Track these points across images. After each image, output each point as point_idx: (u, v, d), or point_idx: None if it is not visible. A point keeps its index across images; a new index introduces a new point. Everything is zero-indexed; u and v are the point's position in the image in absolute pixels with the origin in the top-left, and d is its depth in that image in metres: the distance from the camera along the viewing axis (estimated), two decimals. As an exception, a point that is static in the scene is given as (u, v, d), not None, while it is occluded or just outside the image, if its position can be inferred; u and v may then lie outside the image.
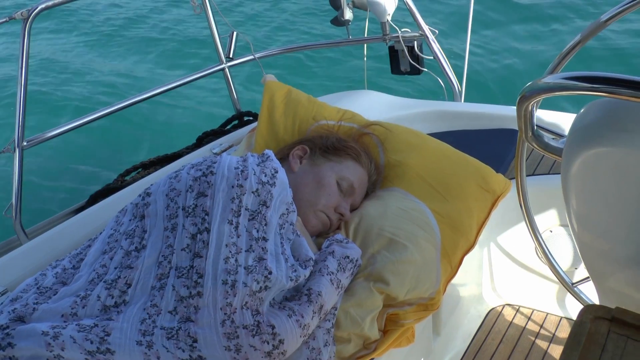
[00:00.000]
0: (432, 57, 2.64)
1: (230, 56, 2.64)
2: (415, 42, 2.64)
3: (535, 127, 1.09)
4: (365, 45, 2.91)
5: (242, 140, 2.00)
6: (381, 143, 1.81)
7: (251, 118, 2.66)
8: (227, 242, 1.27)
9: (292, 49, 2.83)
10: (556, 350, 2.00)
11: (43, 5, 2.17)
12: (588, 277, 1.53)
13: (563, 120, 2.13)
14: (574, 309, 2.12)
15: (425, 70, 2.72)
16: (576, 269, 2.05)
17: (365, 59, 2.98)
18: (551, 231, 2.05)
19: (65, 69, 6.77)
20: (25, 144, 2.23)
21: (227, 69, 2.64)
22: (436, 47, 2.59)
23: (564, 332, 2.07)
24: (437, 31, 2.61)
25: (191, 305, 1.21)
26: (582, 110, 0.96)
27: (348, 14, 2.76)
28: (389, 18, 2.60)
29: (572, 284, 1.77)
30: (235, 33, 2.66)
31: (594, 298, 1.58)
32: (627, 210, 1.01)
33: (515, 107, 1.43)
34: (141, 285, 1.26)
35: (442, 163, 1.75)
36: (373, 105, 2.28)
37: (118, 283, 1.26)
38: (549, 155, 1.14)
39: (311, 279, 1.36)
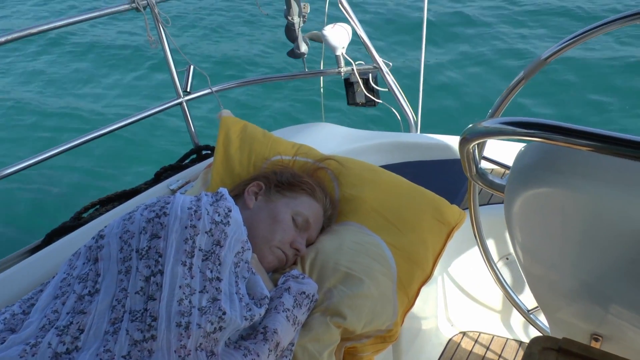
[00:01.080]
0: (387, 89, 2.68)
1: (188, 90, 2.65)
2: (370, 74, 2.68)
3: (478, 165, 1.12)
4: (321, 77, 2.95)
5: (199, 176, 2.00)
6: (336, 177, 1.83)
7: (210, 152, 2.66)
8: (180, 284, 1.27)
9: (249, 82, 2.85)
10: None
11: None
12: None
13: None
14: (534, 334, 2.15)
15: (381, 101, 2.76)
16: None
17: (321, 91, 3.02)
18: (507, 258, 2.08)
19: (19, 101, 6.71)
20: None
21: (184, 103, 2.64)
22: (390, 79, 2.64)
23: None
24: (390, 64, 2.66)
25: (145, 349, 1.20)
26: (520, 150, 0.99)
27: (304, 47, 2.80)
28: (344, 51, 2.64)
29: (528, 311, 1.80)
30: (192, 67, 2.66)
31: None
32: (568, 247, 1.04)
33: None
34: (94, 330, 1.24)
35: (396, 196, 1.78)
36: (329, 138, 2.30)
37: (70, 329, 1.24)
38: (494, 193, 1.18)
39: (267, 317, 1.37)
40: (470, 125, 0.92)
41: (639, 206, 0.86)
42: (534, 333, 2.11)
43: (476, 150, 1.07)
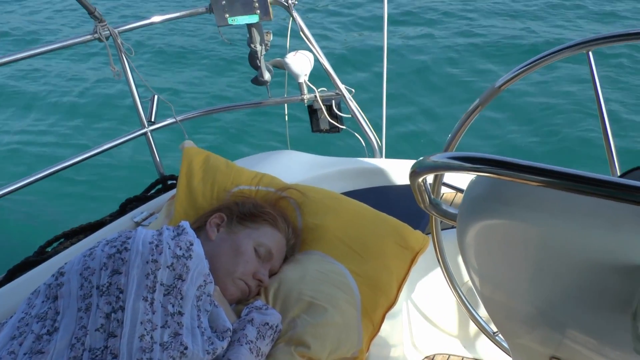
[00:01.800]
0: (350, 115, 2.71)
1: (152, 120, 2.64)
2: (333, 100, 2.71)
3: (431, 196, 1.14)
4: (285, 105, 2.97)
5: (163, 208, 2.00)
6: (298, 206, 1.84)
7: (175, 182, 2.65)
8: (142, 320, 1.27)
9: (213, 110, 2.86)
10: None
11: None
12: None
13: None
14: (502, 356, 2.17)
15: (345, 127, 2.78)
16: None
17: (286, 118, 3.04)
18: None
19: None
20: None
21: (149, 133, 2.64)
22: (353, 105, 2.66)
23: None
24: (353, 90, 2.68)
25: None
26: (471, 181, 1.01)
27: (267, 75, 2.81)
28: (306, 78, 2.66)
29: (494, 333, 1.82)
30: (156, 97, 2.67)
31: None
32: (521, 276, 1.06)
33: None
34: None
35: (359, 223, 1.79)
36: (293, 166, 2.31)
37: (28, 370, 1.23)
38: (448, 222, 1.20)
39: (230, 350, 1.37)
40: (420, 159, 0.94)
41: (583, 236, 0.89)
42: (502, 355, 2.13)
43: (427, 182, 1.09)
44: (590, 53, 1.35)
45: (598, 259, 0.91)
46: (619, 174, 1.39)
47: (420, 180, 1.03)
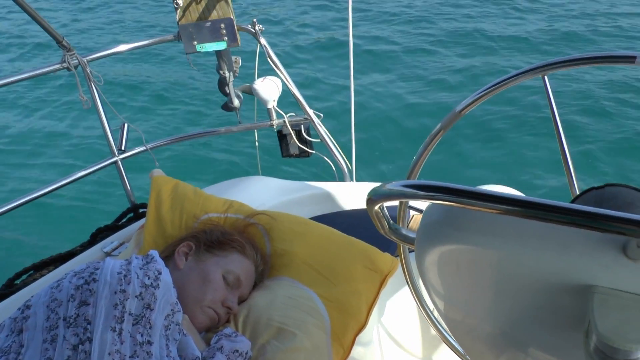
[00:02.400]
0: (320, 140, 2.73)
1: (122, 148, 2.65)
2: (302, 125, 2.73)
3: (390, 222, 1.16)
4: (255, 130, 2.99)
5: (132, 237, 2.00)
6: (267, 232, 1.86)
7: (147, 210, 2.65)
8: (110, 350, 1.26)
9: (182, 137, 2.87)
10: None
11: None
12: None
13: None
14: None
15: (314, 152, 2.81)
16: None
17: (256, 143, 3.06)
18: None
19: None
20: None
21: (119, 162, 2.64)
22: (322, 129, 2.69)
23: None
24: (321, 115, 2.71)
25: None
26: (428, 206, 1.04)
27: (236, 101, 2.83)
28: (274, 104, 2.69)
29: (464, 353, 1.84)
30: (126, 125, 2.67)
31: None
32: (481, 298, 1.08)
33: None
34: None
35: (327, 248, 1.81)
36: (262, 192, 2.33)
37: (-8, 405, 1.22)
38: (409, 246, 1.22)
39: None
40: (376, 187, 0.96)
41: (535, 259, 0.92)
42: None
43: (385, 209, 1.11)
44: (546, 77, 1.40)
45: (551, 280, 0.94)
46: (577, 192, 1.43)
47: (376, 207, 1.05)
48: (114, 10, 11.61)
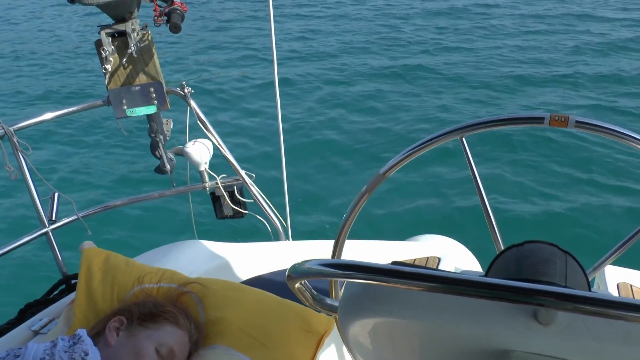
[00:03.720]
0: (253, 200, 2.74)
1: (53, 218, 2.60)
2: (235, 186, 2.74)
3: (314, 293, 1.18)
4: (189, 193, 2.98)
5: (62, 313, 1.95)
6: (201, 301, 1.84)
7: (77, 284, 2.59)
8: None
9: (115, 205, 2.83)
10: None
11: None
12: None
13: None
14: None
15: (248, 212, 2.82)
16: None
17: (191, 206, 3.04)
18: None
19: None
20: None
21: (50, 232, 2.59)
22: (255, 189, 2.71)
23: None
24: (254, 175, 2.73)
25: None
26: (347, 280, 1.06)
27: (169, 164, 2.83)
28: (206, 167, 2.70)
29: None
30: (56, 194, 2.63)
31: None
32: None
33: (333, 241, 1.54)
34: None
35: (262, 312, 1.81)
36: (197, 257, 2.31)
37: None
38: (334, 316, 1.24)
39: None
40: (295, 264, 0.98)
41: (453, 328, 0.95)
42: None
43: (307, 283, 1.13)
44: (464, 139, 1.46)
45: (471, 346, 0.97)
46: (502, 247, 1.48)
47: (297, 284, 1.07)
48: (42, 78, 11.43)
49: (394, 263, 1.11)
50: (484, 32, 12.17)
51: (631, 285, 2.39)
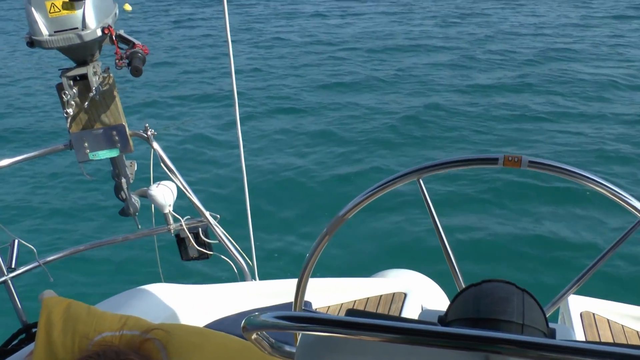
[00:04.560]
0: (218, 241, 2.73)
1: (12, 266, 2.54)
2: (200, 228, 2.73)
3: (272, 342, 1.17)
4: (155, 236, 2.94)
5: None
6: (164, 347, 1.80)
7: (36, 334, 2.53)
8: None
9: (78, 250, 2.79)
10: None
11: None
12: None
13: None
14: None
15: (213, 253, 2.79)
16: None
17: (156, 249, 3.00)
18: None
19: None
20: None
21: (9, 281, 2.53)
22: (220, 231, 2.69)
23: None
24: (218, 216, 2.72)
25: None
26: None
27: (133, 206, 2.80)
28: (171, 209, 2.68)
29: None
30: (16, 241, 2.58)
31: None
32: None
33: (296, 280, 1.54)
34: None
35: (226, 357, 1.78)
36: (161, 301, 2.28)
37: None
38: None
39: None
40: (250, 316, 0.98)
41: None
42: None
43: (264, 333, 1.13)
44: (421, 180, 1.47)
45: None
46: (463, 285, 1.49)
47: (254, 336, 1.07)
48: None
49: (350, 312, 1.11)
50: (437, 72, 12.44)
51: (594, 314, 2.42)
